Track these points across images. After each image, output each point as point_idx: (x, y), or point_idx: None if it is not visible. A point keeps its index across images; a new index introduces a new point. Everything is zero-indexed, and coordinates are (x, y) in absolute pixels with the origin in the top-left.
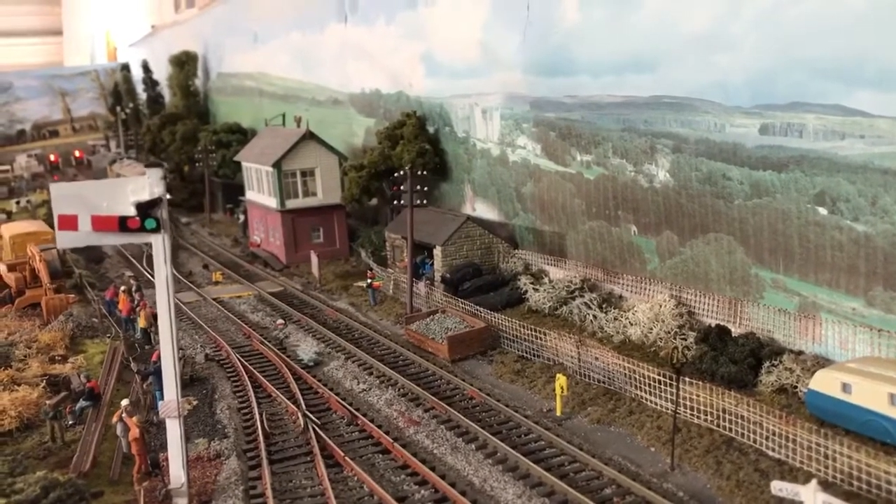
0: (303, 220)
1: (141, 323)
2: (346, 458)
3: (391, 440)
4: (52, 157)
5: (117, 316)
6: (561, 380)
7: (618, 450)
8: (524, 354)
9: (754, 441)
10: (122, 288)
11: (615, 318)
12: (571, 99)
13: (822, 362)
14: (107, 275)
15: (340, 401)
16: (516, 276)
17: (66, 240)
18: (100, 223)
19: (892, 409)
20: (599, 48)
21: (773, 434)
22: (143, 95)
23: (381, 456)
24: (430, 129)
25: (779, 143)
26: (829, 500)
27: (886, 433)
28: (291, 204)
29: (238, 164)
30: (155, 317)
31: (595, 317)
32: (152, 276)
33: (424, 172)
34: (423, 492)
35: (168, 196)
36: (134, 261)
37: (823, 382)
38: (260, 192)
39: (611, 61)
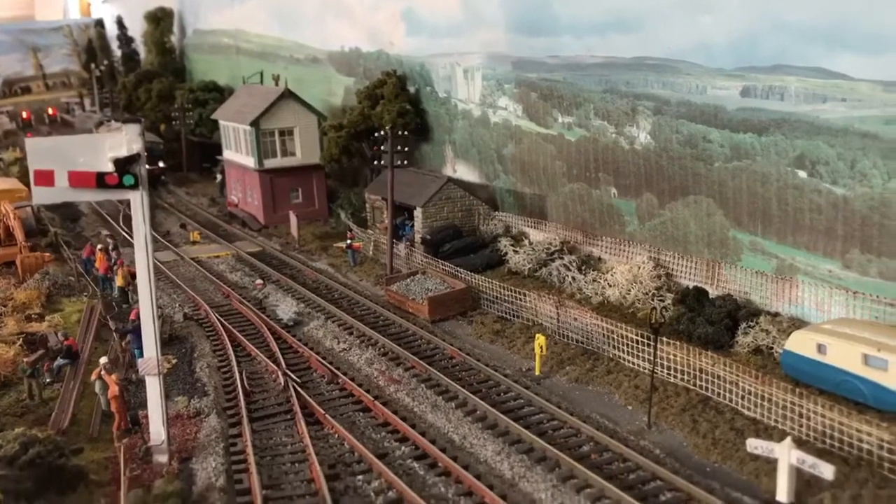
0: (281, 180)
1: (118, 282)
2: (327, 416)
3: (372, 398)
4: (24, 115)
5: (94, 274)
6: (540, 340)
7: (595, 408)
8: (504, 315)
9: (730, 400)
10: (99, 246)
11: (594, 280)
12: (553, 59)
13: (797, 324)
14: (83, 233)
15: (321, 360)
16: (496, 238)
17: (42, 196)
18: (77, 179)
19: (865, 369)
20: (582, 7)
21: (749, 393)
22: (117, 52)
23: (361, 414)
24: (411, 89)
25: (760, 106)
26: (803, 457)
27: (859, 393)
28: (270, 163)
29: (215, 122)
30: (133, 275)
31: (574, 278)
32: (129, 234)
33: (405, 133)
34: (403, 448)
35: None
36: (110, 219)
37: (799, 343)
38: (237, 152)
39: (594, 21)
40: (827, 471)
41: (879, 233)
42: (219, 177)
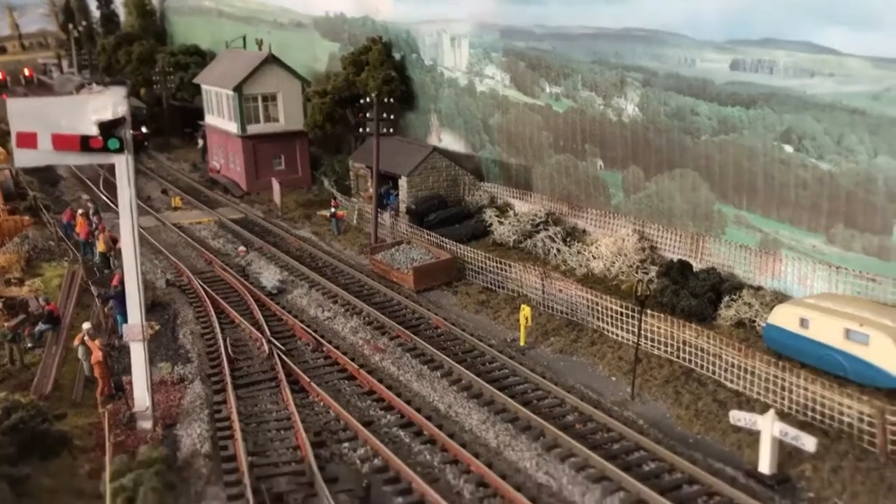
0: (264, 147)
1: (100, 247)
2: (312, 384)
3: (357, 367)
4: None
5: (75, 239)
6: (525, 310)
7: (580, 379)
8: (489, 286)
9: (713, 372)
10: (80, 211)
11: (578, 252)
12: (542, 29)
13: (780, 298)
14: (62, 197)
15: (305, 328)
16: (481, 209)
17: (24, 158)
18: (60, 142)
19: (847, 343)
20: None
21: (732, 366)
22: (96, 13)
23: (346, 382)
24: (397, 56)
25: (749, 80)
26: (786, 429)
27: (840, 367)
28: (252, 129)
29: (197, 87)
30: (114, 241)
31: (559, 250)
32: (109, 199)
33: (390, 100)
34: (389, 417)
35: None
36: (90, 184)
37: (782, 317)
38: (220, 117)
39: None
40: (809, 443)
41: (864, 208)
42: (200, 142)
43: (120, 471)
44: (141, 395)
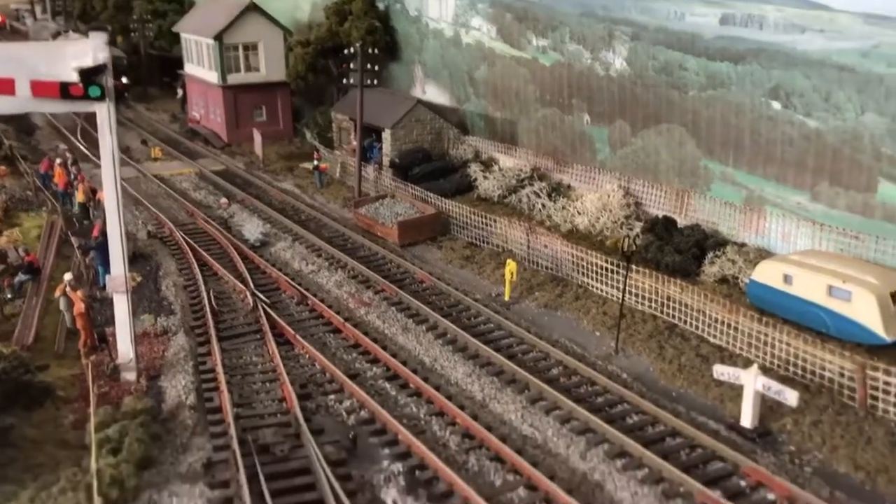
0: (245, 97)
1: (79, 197)
2: (297, 336)
3: (342, 320)
4: None
5: (53, 189)
6: (511, 265)
7: (564, 333)
8: (473, 241)
9: (696, 328)
10: (58, 161)
11: (563, 208)
12: None
13: (764, 254)
14: (39, 147)
15: (290, 281)
16: (466, 164)
17: (1, 105)
18: (40, 89)
19: (829, 300)
20: None
21: (715, 321)
22: None
23: (332, 336)
24: (380, 6)
25: (738, 35)
26: (769, 383)
27: (822, 323)
28: (233, 79)
29: (175, 35)
30: (94, 191)
31: (544, 206)
32: (87, 149)
33: (375, 51)
34: (374, 369)
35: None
36: (67, 133)
37: (766, 273)
38: (200, 66)
39: None
40: (791, 397)
41: (849, 166)
42: (180, 92)
43: (105, 422)
44: (124, 347)
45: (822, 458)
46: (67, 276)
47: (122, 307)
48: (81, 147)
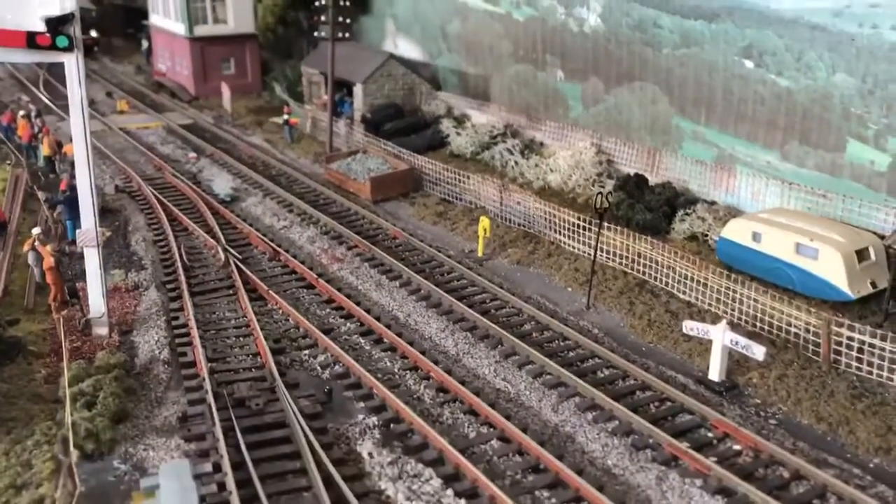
0: (212, 49)
1: (45, 150)
2: (270, 291)
3: (315, 276)
4: None
5: (17, 142)
6: (484, 222)
7: (537, 289)
8: (446, 197)
9: (666, 284)
10: (21, 113)
11: (536, 165)
12: None
13: (733, 213)
14: (0, 99)
15: (261, 236)
16: (438, 119)
17: None
18: (5, 38)
19: (796, 257)
20: None
21: (685, 278)
22: None
23: (305, 291)
24: None
25: None
26: (737, 338)
27: (790, 280)
28: (200, 31)
29: None
30: (59, 144)
31: (516, 163)
32: (51, 101)
33: (346, 3)
34: (348, 325)
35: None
36: (30, 84)
37: (735, 231)
38: (166, 17)
39: None
40: (759, 352)
41: (819, 126)
42: (145, 43)
43: (78, 376)
44: (96, 301)
45: (787, 411)
46: (36, 231)
47: (93, 261)
48: (44, 99)
